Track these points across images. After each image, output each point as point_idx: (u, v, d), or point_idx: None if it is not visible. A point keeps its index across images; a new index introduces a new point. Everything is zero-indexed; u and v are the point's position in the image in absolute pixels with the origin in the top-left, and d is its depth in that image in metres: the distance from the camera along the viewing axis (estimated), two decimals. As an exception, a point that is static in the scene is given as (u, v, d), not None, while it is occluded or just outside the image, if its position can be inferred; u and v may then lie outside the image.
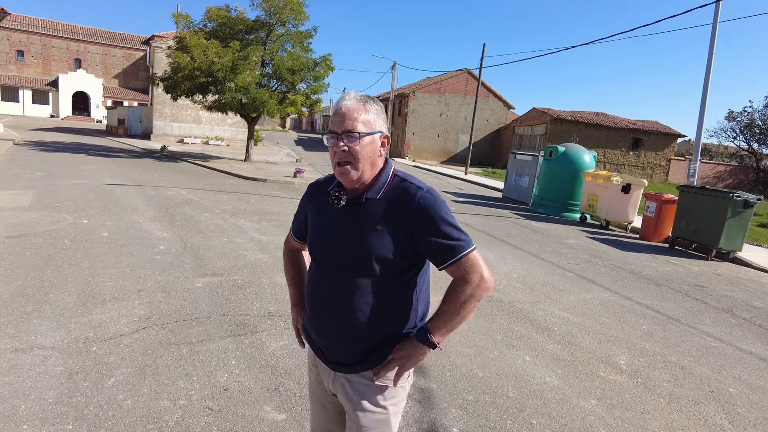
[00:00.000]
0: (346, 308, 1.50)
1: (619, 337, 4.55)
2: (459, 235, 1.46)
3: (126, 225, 7.07)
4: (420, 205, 1.45)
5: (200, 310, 4.17)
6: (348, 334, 1.52)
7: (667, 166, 34.80)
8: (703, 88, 11.32)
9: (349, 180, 1.48)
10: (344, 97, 1.51)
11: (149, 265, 5.28)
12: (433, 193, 1.49)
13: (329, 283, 1.53)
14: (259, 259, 5.90)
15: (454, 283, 1.49)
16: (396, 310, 1.53)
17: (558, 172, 13.28)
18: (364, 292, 1.49)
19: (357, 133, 1.44)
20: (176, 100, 19.93)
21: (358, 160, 1.45)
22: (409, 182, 1.51)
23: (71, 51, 50.04)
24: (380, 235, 1.45)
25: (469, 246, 1.47)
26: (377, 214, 1.47)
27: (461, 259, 1.45)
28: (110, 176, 12.16)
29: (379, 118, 1.50)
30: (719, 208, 9.10)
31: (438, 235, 1.45)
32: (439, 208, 1.46)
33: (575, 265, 7.31)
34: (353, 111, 1.45)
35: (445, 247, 1.45)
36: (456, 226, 1.47)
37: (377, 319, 1.51)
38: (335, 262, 1.52)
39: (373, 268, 1.46)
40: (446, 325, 1.48)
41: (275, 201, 10.75)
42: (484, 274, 1.46)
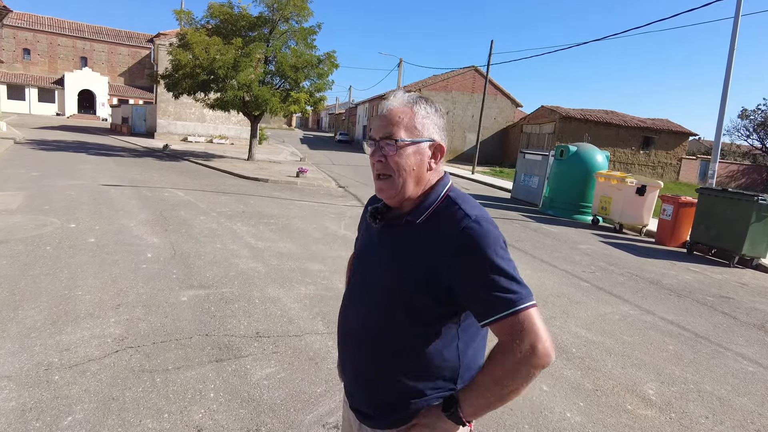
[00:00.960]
0: (368, 348, 1.27)
1: (644, 359, 4.12)
2: (509, 284, 1.11)
3: (115, 230, 6.70)
4: (463, 237, 1.13)
5: (182, 328, 3.78)
6: (368, 380, 1.30)
7: (678, 165, 34.13)
8: (724, 86, 10.80)
9: (387, 197, 1.25)
10: (389, 95, 1.26)
11: (133, 276, 4.90)
12: (484, 224, 1.15)
13: (356, 315, 1.32)
14: (252, 268, 5.51)
15: (496, 348, 1.14)
16: (425, 365, 1.22)
17: (569, 173, 12.80)
18: (389, 334, 1.23)
19: (395, 141, 1.19)
20: (178, 98, 19.63)
21: (399, 174, 1.21)
22: (458, 206, 1.20)
23: (77, 49, 49.97)
24: (411, 269, 1.19)
25: (522, 302, 1.10)
26: (412, 243, 1.21)
27: (506, 317, 1.10)
28: (107, 176, 11.83)
29: (431, 122, 1.23)
30: (742, 211, 8.61)
31: (479, 281, 1.12)
32: (488, 244, 1.12)
33: (591, 274, 6.87)
34: (396, 113, 1.21)
35: (486, 298, 1.11)
36: (507, 272, 1.12)
37: (400, 371, 1.23)
38: (364, 292, 1.31)
39: (398, 307, 1.21)
40: (479, 400, 1.15)
41: (275, 203, 10.36)
42: (538, 344, 1.08)
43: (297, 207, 10.09)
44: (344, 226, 8.46)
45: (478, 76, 36.94)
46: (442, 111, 1.27)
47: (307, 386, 3.12)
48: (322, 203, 10.98)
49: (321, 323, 4.11)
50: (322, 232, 7.84)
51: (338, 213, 9.82)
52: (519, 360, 1.08)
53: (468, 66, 36.86)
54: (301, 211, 9.58)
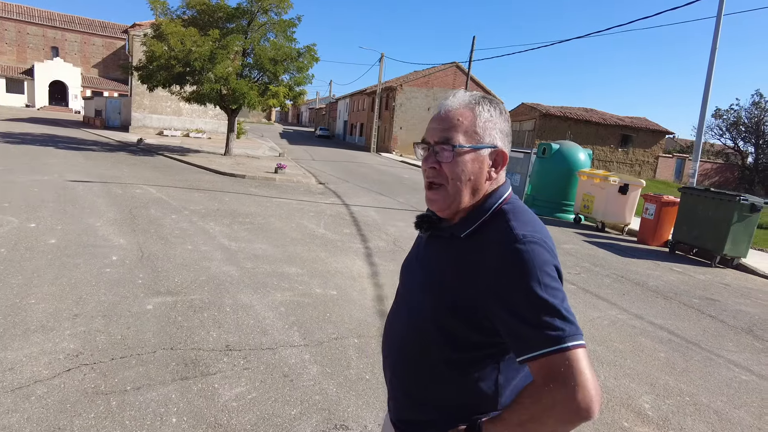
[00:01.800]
0: (401, 365, 1.19)
1: (636, 369, 3.95)
2: (552, 320, 0.95)
3: (79, 230, 6.30)
4: (505, 260, 0.99)
5: (145, 341, 3.47)
6: (397, 396, 1.22)
7: (655, 163, 34.60)
8: (705, 86, 10.80)
9: (439, 209, 1.13)
10: (449, 95, 1.14)
11: (95, 281, 4.55)
12: (530, 245, 0.99)
13: (395, 327, 1.23)
14: (225, 272, 5.19)
15: (529, 388, 1.00)
16: (458, 394, 1.11)
17: (551, 171, 12.70)
18: (422, 355, 1.14)
19: (452, 146, 1.07)
20: (152, 91, 19.01)
21: (453, 184, 1.09)
22: (509, 222, 1.05)
23: (48, 38, 48.38)
24: (448, 289, 1.08)
25: (569, 340, 0.94)
26: (455, 259, 1.09)
27: (544, 356, 0.94)
28: (75, 172, 11.30)
29: (494, 126, 1.11)
30: (724, 211, 8.58)
31: (517, 312, 0.97)
32: (531, 270, 0.97)
33: (576, 275, 6.72)
34: (455, 115, 1.09)
35: (524, 332, 0.97)
36: (552, 304, 0.95)
37: (430, 395, 1.14)
38: (404, 305, 1.23)
39: (434, 328, 1.10)
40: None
41: (252, 200, 10.01)
42: (578, 393, 0.90)
43: (275, 205, 9.76)
44: (323, 225, 8.17)
45: (459, 72, 36.89)
46: (507, 114, 1.15)
47: (281, 408, 2.85)
48: (301, 201, 10.66)
49: (297, 334, 3.83)
50: (301, 231, 7.54)
51: (318, 211, 9.52)
52: (549, 407, 0.92)
53: (449, 62, 36.81)
54: (278, 209, 9.25)
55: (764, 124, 38.51)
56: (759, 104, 38.17)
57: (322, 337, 3.81)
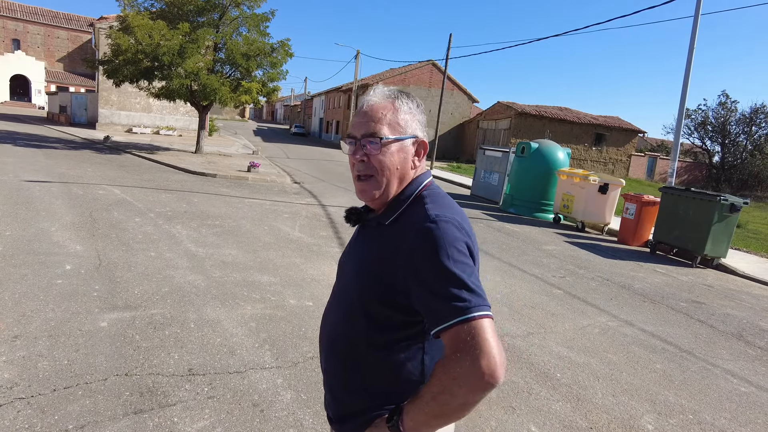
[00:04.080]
0: (332, 356, 1.21)
1: (634, 383, 3.72)
2: (459, 291, 0.98)
3: (31, 235, 5.78)
4: (418, 239, 1.03)
5: (95, 366, 3.06)
6: (332, 387, 1.23)
7: (627, 161, 35.10)
8: (683, 86, 10.76)
9: (370, 199, 1.16)
10: (369, 91, 1.19)
11: (43, 295, 4.09)
12: (441, 224, 1.04)
13: (327, 320, 1.26)
14: (190, 282, 4.77)
15: (439, 361, 1.01)
16: (387, 376, 1.13)
17: (530, 170, 12.56)
18: (351, 343, 1.16)
19: (379, 139, 1.11)
20: (119, 86, 18.17)
21: (382, 174, 1.13)
22: (425, 205, 1.10)
23: (8, 30, 46.35)
24: (372, 274, 1.11)
25: (473, 311, 0.96)
26: (380, 246, 1.13)
27: (454, 326, 0.96)
28: (33, 171, 10.62)
29: (414, 118, 1.16)
30: (705, 212, 8.52)
31: (429, 286, 1.00)
32: (441, 246, 1.00)
33: (561, 279, 6.51)
34: (378, 109, 1.13)
35: (435, 305, 1.00)
36: (459, 276, 0.98)
37: (362, 380, 1.16)
38: (335, 295, 1.26)
39: (360, 312, 1.13)
40: (419, 415, 1.02)
41: (223, 201, 9.54)
42: (482, 360, 0.92)
43: (247, 206, 9.31)
44: (299, 228, 7.78)
45: (435, 70, 36.72)
46: (422, 106, 1.19)
47: (250, 445, 2.50)
48: (275, 201, 10.23)
49: (269, 354, 3.47)
50: (274, 235, 7.14)
51: (293, 213, 9.12)
52: (457, 376, 0.94)
53: (426, 60, 36.55)
54: (251, 211, 8.81)
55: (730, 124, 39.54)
56: (725, 105, 39.13)
57: (297, 357, 3.46)
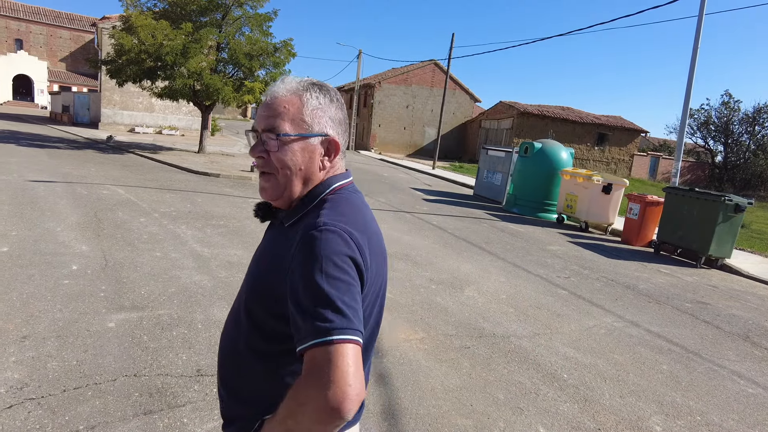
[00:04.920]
0: (222, 354, 1.16)
1: (641, 384, 3.72)
2: (323, 310, 0.88)
3: (37, 236, 5.80)
4: (298, 248, 0.95)
5: (104, 367, 3.07)
6: (221, 387, 1.16)
7: (630, 161, 35.03)
8: (687, 86, 10.75)
9: (270, 198, 1.08)
10: (278, 81, 1.08)
11: (50, 295, 4.10)
12: (326, 234, 0.94)
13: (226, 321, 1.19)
14: (197, 282, 4.78)
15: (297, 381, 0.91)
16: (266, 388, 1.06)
17: (534, 170, 12.54)
18: (236, 345, 1.10)
19: (276, 135, 1.02)
20: (122, 86, 18.22)
21: (281, 173, 1.04)
22: (321, 211, 1.01)
23: (11, 30, 46.42)
24: (262, 279, 1.06)
25: (334, 333, 0.87)
26: (276, 248, 1.06)
27: (311, 348, 0.87)
28: (37, 171, 10.64)
29: (324, 114, 1.06)
30: (709, 212, 8.51)
31: (298, 300, 0.91)
32: (316, 257, 0.91)
33: (566, 279, 6.51)
34: (281, 102, 1.03)
35: (299, 322, 0.90)
36: (329, 294, 0.89)
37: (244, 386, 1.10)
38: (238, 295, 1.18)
39: (247, 316, 1.07)
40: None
41: (227, 201, 9.55)
42: (330, 390, 0.82)
43: (250, 206, 9.29)
44: (303, 228, 7.78)
45: (437, 70, 36.67)
46: (341, 101, 1.10)
47: (260, 446, 2.50)
48: (278, 201, 10.23)
49: (277, 354, 3.48)
50: (279, 235, 7.15)
51: (296, 213, 9.12)
52: (303, 403, 0.85)
53: (428, 60, 36.52)
54: (255, 211, 8.81)
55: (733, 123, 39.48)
56: (728, 104, 39.08)
57: (305, 357, 3.47)
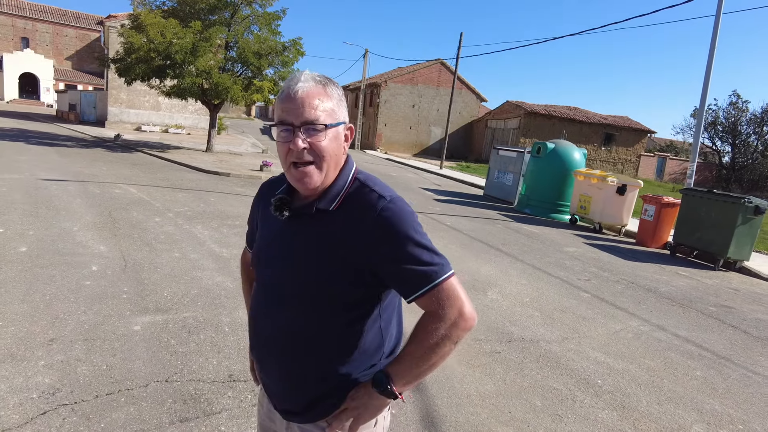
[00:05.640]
0: (289, 348, 1.19)
1: (676, 390, 3.63)
2: (431, 257, 1.11)
3: (54, 235, 5.74)
4: (381, 219, 1.09)
5: (135, 372, 3.00)
6: (294, 380, 1.20)
7: (637, 162, 34.86)
8: (703, 87, 10.63)
9: (311, 186, 1.13)
10: (297, 77, 1.12)
11: (73, 297, 4.04)
12: (398, 203, 1.13)
13: (270, 315, 1.21)
14: (219, 283, 4.72)
15: (425, 319, 1.13)
16: (351, 348, 1.18)
17: (546, 171, 12.45)
18: (312, 328, 1.16)
19: (323, 125, 1.10)
20: (130, 85, 18.18)
21: (324, 160, 1.12)
22: (369, 188, 1.16)
23: (17, 28, 46.50)
24: (330, 258, 1.12)
25: (445, 271, 1.11)
26: (328, 231, 1.13)
27: (434, 288, 1.10)
28: (48, 169, 10.61)
29: (342, 104, 1.15)
30: (728, 214, 8.40)
31: (403, 258, 1.09)
32: (405, 222, 1.10)
33: (587, 282, 6.42)
34: (313, 96, 1.09)
35: (412, 273, 1.09)
36: (427, 245, 1.12)
37: (328, 360, 1.17)
38: (276, 290, 1.20)
39: (320, 299, 1.14)
40: (411, 371, 1.13)
41: (239, 201, 9.49)
42: (465, 308, 1.11)
43: (264, 206, 9.24)
44: (318, 229, 7.71)
45: (444, 69, 36.56)
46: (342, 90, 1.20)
47: (301, 455, 2.43)
48: (290, 201, 10.16)
49: (308, 358, 3.41)
50: (295, 235, 7.08)
51: (310, 213, 9.05)
52: (450, 326, 1.09)
53: (434, 59, 36.42)
54: (269, 211, 8.75)
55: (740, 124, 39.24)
56: (736, 104, 38.83)
57: (336, 362, 3.40)
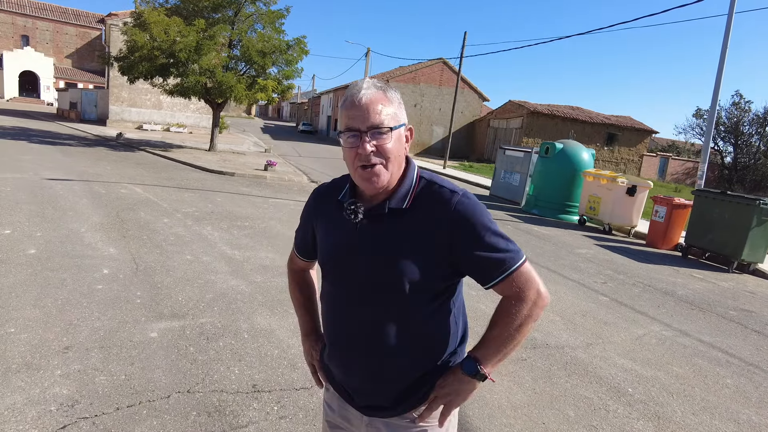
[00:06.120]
0: (376, 344, 1.23)
1: (709, 399, 3.53)
2: (507, 245, 1.19)
3: (62, 237, 5.63)
4: (457, 212, 1.17)
5: (155, 382, 2.89)
6: (382, 374, 1.25)
7: (639, 162, 34.76)
8: (715, 86, 10.53)
9: (379, 185, 1.18)
10: (359, 85, 1.18)
11: (86, 302, 3.93)
12: (470, 197, 1.21)
13: (353, 315, 1.25)
14: (233, 287, 4.61)
15: (506, 303, 1.20)
16: (434, 338, 1.25)
17: (555, 171, 12.33)
18: (397, 323, 1.21)
19: (388, 128, 1.16)
20: (133, 83, 18.07)
21: (391, 161, 1.18)
22: (439, 185, 1.23)
23: (17, 26, 46.32)
24: (410, 254, 1.17)
25: (520, 257, 1.19)
26: (405, 229, 1.19)
27: (513, 273, 1.18)
28: (52, 169, 10.49)
29: (401, 107, 1.22)
30: (742, 215, 8.29)
31: (482, 247, 1.17)
32: (480, 214, 1.18)
33: (603, 285, 6.32)
34: (377, 102, 1.16)
35: (491, 261, 1.17)
36: (502, 234, 1.19)
37: (415, 352, 1.24)
38: (358, 290, 1.24)
39: (404, 294, 1.18)
40: (499, 353, 1.20)
41: (246, 201, 9.37)
42: (541, 288, 1.20)
43: (272, 206, 9.14)
44: (328, 230, 7.60)
45: (446, 68, 36.45)
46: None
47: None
48: (298, 201, 10.06)
49: (332, 367, 3.29)
50: (306, 237, 6.97)
51: (318, 213, 8.93)
52: (531, 306, 1.18)
53: (436, 58, 36.30)
54: (277, 211, 8.65)
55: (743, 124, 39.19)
56: (738, 104, 38.79)
57: (361, 371, 3.28)
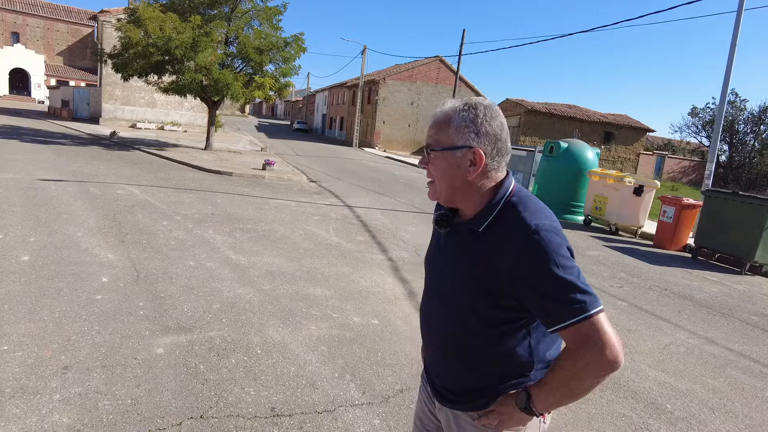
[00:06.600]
0: (445, 345, 1.32)
1: (753, 416, 3.33)
2: (573, 294, 1.07)
3: (57, 242, 5.36)
4: (525, 248, 1.09)
5: (164, 407, 2.64)
6: (448, 372, 1.33)
7: (636, 160, 34.70)
8: (723, 85, 10.38)
9: (433, 198, 1.28)
10: (443, 103, 1.23)
11: (85, 314, 3.67)
12: (543, 233, 1.10)
13: (433, 314, 1.35)
14: (241, 296, 4.36)
15: (564, 353, 1.14)
16: (499, 358, 1.23)
17: (559, 171, 12.13)
18: (464, 337, 1.25)
19: (432, 150, 1.22)
20: (127, 80, 17.72)
21: (436, 180, 1.23)
22: (520, 213, 1.15)
23: (7, 23, 45.63)
24: (473, 279, 1.18)
25: (590, 308, 1.07)
26: (475, 253, 1.19)
27: (572, 326, 1.07)
28: (45, 169, 10.17)
29: (469, 131, 1.17)
30: (754, 216, 8.12)
31: (542, 292, 1.09)
32: (548, 255, 1.08)
33: (619, 289, 6.12)
34: (435, 123, 1.22)
35: (551, 308, 1.09)
36: (570, 281, 1.07)
37: (478, 364, 1.26)
38: (436, 294, 1.34)
39: (469, 312, 1.21)
40: (549, 398, 1.15)
41: (247, 202, 9.11)
42: (605, 350, 1.05)
43: (273, 207, 8.89)
44: (334, 232, 7.36)
45: (443, 66, 36.25)
46: (493, 118, 1.18)
47: None
48: (299, 202, 9.81)
49: (353, 386, 3.05)
50: (312, 240, 6.73)
51: (321, 215, 8.70)
52: (584, 367, 1.07)
53: (433, 56, 36.07)
54: (279, 213, 8.39)
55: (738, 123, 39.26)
56: (734, 103, 38.81)
57: (385, 390, 3.05)
